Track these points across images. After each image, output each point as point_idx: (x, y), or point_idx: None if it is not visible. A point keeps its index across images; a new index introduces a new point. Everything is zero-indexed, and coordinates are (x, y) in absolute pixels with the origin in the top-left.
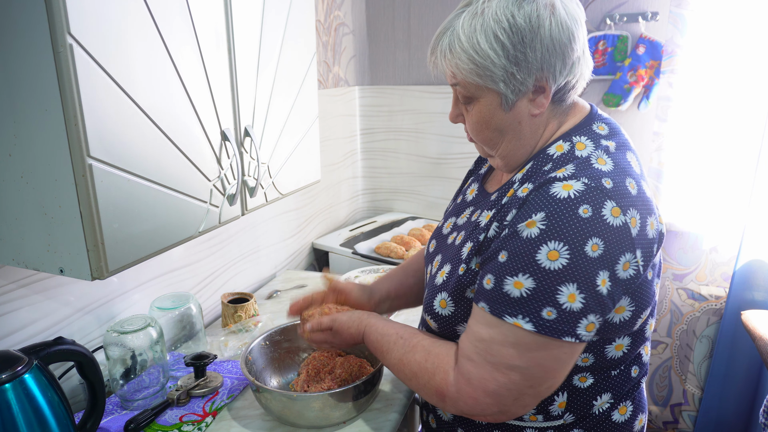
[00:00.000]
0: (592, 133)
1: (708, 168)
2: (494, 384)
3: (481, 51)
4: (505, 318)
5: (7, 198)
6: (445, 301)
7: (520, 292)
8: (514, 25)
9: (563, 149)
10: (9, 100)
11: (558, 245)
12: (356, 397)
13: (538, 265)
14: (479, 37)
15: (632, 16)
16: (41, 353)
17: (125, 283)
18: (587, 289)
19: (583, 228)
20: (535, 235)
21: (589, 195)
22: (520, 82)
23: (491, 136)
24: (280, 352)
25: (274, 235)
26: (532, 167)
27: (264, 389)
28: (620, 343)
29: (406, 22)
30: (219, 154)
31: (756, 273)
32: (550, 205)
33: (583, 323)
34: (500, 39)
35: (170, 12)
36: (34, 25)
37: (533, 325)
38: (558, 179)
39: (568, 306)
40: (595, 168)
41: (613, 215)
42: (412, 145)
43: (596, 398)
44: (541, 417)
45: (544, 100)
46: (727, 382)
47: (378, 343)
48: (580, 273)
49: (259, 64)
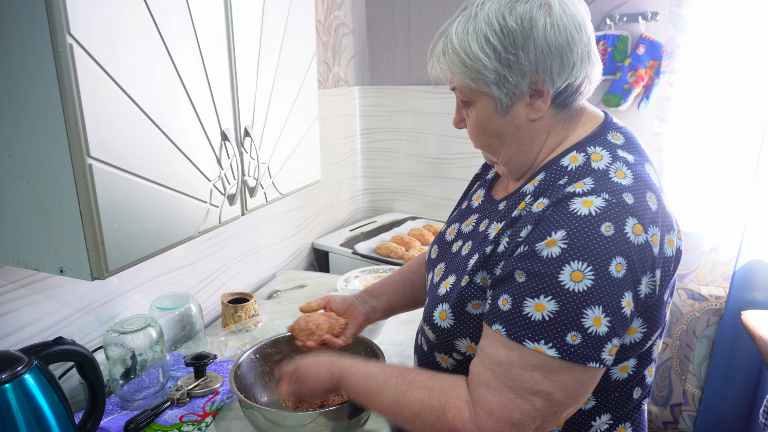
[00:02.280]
0: (608, 143)
1: (708, 168)
2: (518, 412)
3: (472, 54)
4: (526, 343)
5: (7, 198)
6: (446, 313)
7: (542, 315)
8: (505, 27)
9: (578, 161)
10: (9, 100)
11: (582, 265)
12: (351, 415)
13: (562, 287)
14: (471, 41)
15: (632, 16)
16: (41, 353)
17: (125, 283)
18: (613, 312)
19: (606, 247)
20: (556, 255)
21: (610, 212)
22: (514, 85)
23: (490, 141)
24: (270, 365)
25: (274, 235)
26: (545, 179)
27: (252, 406)
28: (626, 365)
29: (406, 22)
30: (219, 154)
31: (756, 273)
32: (570, 223)
33: (608, 347)
34: (491, 42)
35: (170, 12)
36: (34, 25)
37: (557, 351)
38: (577, 195)
39: (594, 330)
40: (615, 182)
41: (635, 233)
42: (412, 145)
43: (595, 419)
44: None
45: (542, 105)
46: (727, 382)
47: (362, 386)
48: (606, 295)
49: (259, 64)
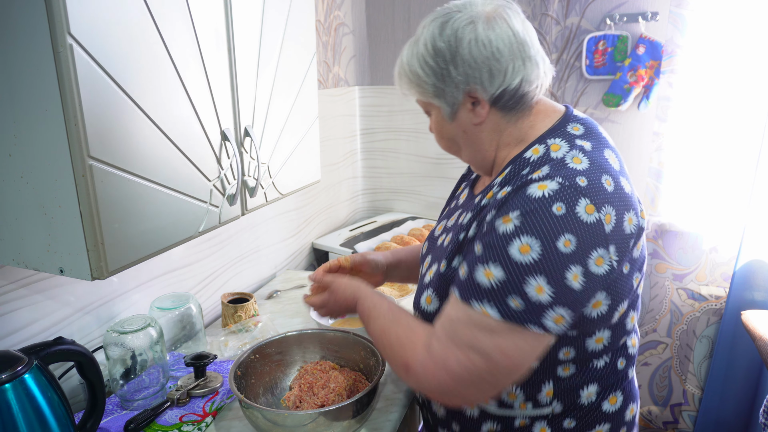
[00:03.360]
0: (567, 134)
1: (708, 168)
2: (455, 363)
3: (414, 72)
4: (473, 303)
5: (7, 198)
6: (431, 297)
7: (489, 282)
8: (435, 47)
9: (539, 152)
10: (9, 100)
11: (530, 240)
12: (351, 415)
13: (509, 257)
14: (413, 61)
15: (632, 16)
16: (41, 353)
17: (125, 283)
18: (556, 283)
19: (556, 224)
20: (510, 231)
21: (563, 193)
22: (451, 95)
23: (448, 144)
24: (270, 365)
25: (274, 235)
26: (511, 171)
27: (252, 406)
28: (600, 336)
29: (406, 22)
30: (219, 154)
31: (756, 273)
32: (525, 204)
33: (550, 314)
34: (427, 61)
35: (170, 12)
36: (34, 25)
37: (498, 312)
38: (534, 180)
39: (535, 297)
40: (570, 167)
41: (587, 212)
42: (412, 145)
43: (582, 388)
44: (530, 405)
45: (481, 110)
46: (727, 382)
47: (368, 310)
48: (551, 267)
49: (259, 64)
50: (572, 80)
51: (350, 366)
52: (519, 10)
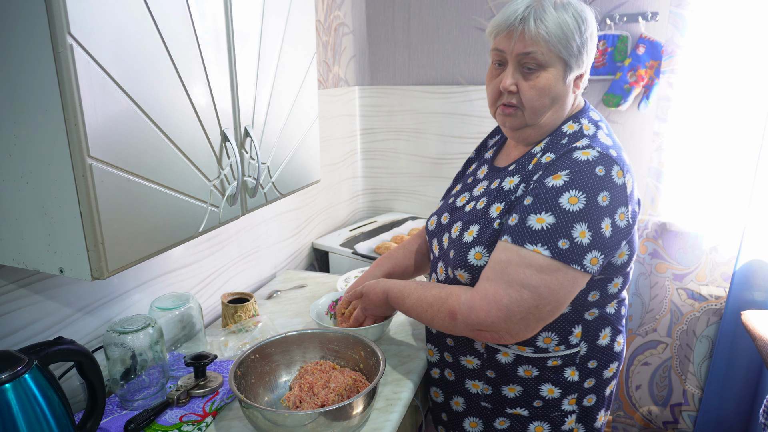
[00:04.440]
0: (591, 118)
1: (708, 168)
2: (507, 299)
3: (567, 28)
4: (526, 245)
5: (7, 198)
6: (480, 253)
7: (541, 226)
8: (584, 19)
9: (574, 128)
10: (9, 100)
11: (578, 193)
12: (351, 415)
13: (560, 206)
14: (568, 19)
15: (632, 16)
16: (41, 353)
17: (125, 283)
18: (594, 230)
19: (598, 182)
20: (560, 185)
21: (602, 159)
22: (582, 61)
23: (546, 102)
24: (270, 365)
25: (274, 235)
26: (550, 141)
27: (252, 406)
28: (617, 282)
29: (406, 22)
30: (219, 154)
31: (756, 273)
32: (573, 165)
33: (588, 257)
34: (579, 25)
35: (170, 12)
36: (34, 25)
37: (550, 251)
38: (578, 148)
39: (579, 240)
40: (602, 142)
41: (618, 176)
42: (412, 145)
43: (601, 331)
44: (563, 347)
45: (581, 82)
46: (727, 382)
47: (400, 293)
48: (592, 216)
49: (259, 64)
50: None
51: (350, 366)
52: None
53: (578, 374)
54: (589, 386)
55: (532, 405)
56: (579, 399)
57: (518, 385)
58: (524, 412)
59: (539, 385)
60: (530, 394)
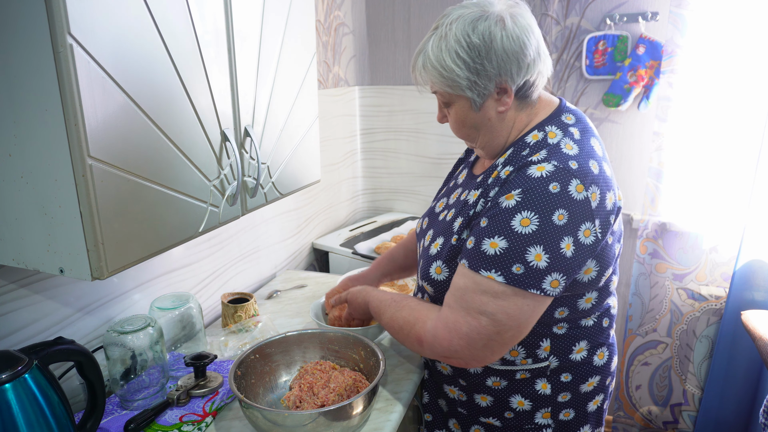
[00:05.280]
0: (561, 123)
1: (708, 168)
2: (466, 327)
3: (447, 67)
4: (481, 272)
5: (7, 198)
6: (440, 267)
7: (495, 251)
8: (471, 43)
9: (538, 138)
10: (9, 100)
11: (530, 214)
12: (351, 415)
13: (512, 230)
14: (445, 56)
15: (632, 16)
16: (41, 353)
17: (125, 283)
18: (552, 251)
19: (552, 201)
20: (512, 206)
21: (557, 175)
22: (483, 87)
23: (468, 132)
24: (270, 365)
25: (274, 235)
26: (512, 153)
27: (252, 406)
28: (589, 297)
29: (406, 22)
30: (219, 154)
31: (756, 273)
32: (525, 183)
33: (548, 279)
34: (461, 56)
35: (170, 12)
36: (34, 25)
37: (504, 278)
38: (533, 162)
39: (535, 264)
40: (564, 152)
41: (577, 191)
42: (412, 145)
43: (574, 344)
44: (530, 360)
45: (507, 99)
46: (727, 382)
47: (377, 308)
48: (547, 237)
49: (259, 64)
50: (572, 80)
51: (350, 366)
52: (527, 7)
53: (550, 387)
54: (564, 400)
55: (504, 416)
56: (554, 413)
57: (488, 395)
58: (497, 422)
59: (509, 396)
60: (501, 404)
